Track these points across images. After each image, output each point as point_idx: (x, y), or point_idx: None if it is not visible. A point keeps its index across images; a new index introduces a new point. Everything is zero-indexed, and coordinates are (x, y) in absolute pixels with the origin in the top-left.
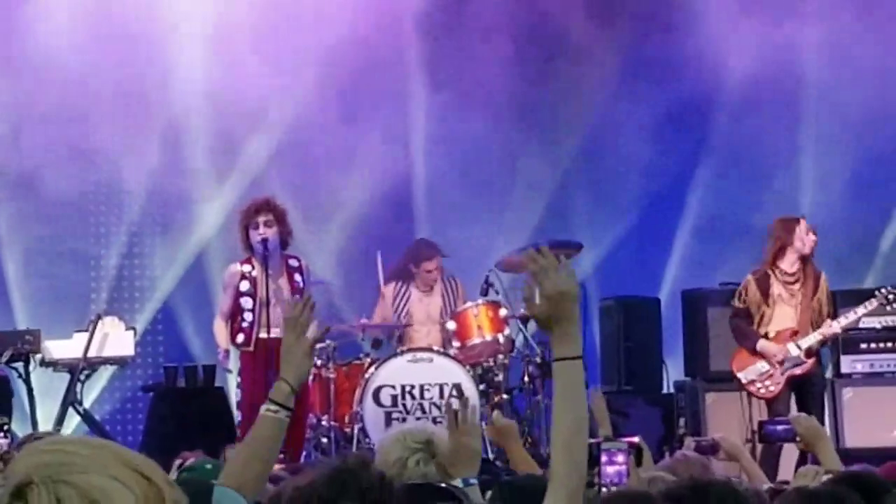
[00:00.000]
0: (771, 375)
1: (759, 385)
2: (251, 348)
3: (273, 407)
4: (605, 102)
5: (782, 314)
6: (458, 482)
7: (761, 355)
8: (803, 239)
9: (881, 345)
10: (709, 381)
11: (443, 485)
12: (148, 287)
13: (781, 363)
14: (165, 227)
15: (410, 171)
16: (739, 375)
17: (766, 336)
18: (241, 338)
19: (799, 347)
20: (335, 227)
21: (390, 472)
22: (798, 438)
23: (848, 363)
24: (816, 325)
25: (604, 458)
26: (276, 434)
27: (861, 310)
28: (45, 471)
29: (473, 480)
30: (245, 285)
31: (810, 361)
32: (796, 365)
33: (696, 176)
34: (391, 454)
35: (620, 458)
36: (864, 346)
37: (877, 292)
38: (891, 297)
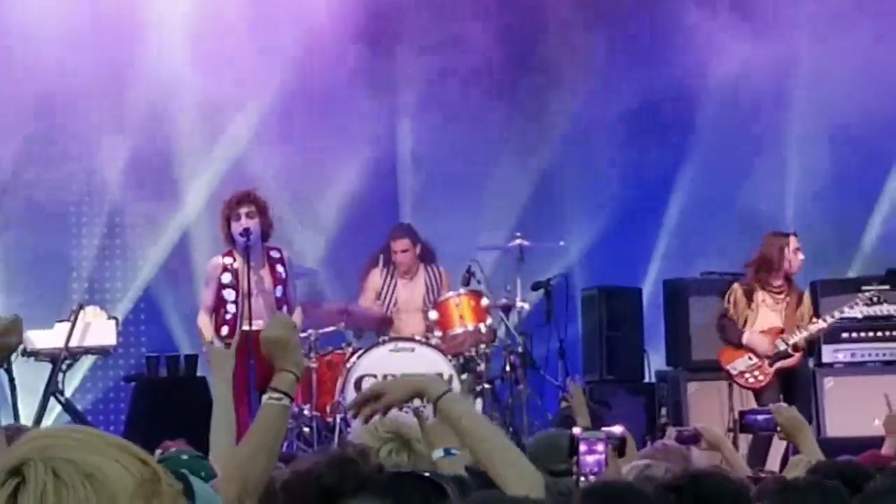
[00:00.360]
0: (759, 366)
1: (748, 376)
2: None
3: (276, 395)
4: (591, 93)
5: (766, 317)
6: (439, 453)
7: (748, 348)
8: (790, 259)
9: (862, 334)
10: (690, 370)
11: (426, 474)
12: (130, 277)
13: (769, 356)
14: (147, 213)
15: (395, 162)
16: (728, 368)
17: None
18: (225, 330)
19: (786, 342)
20: (321, 216)
21: None
22: (778, 429)
23: (829, 353)
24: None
25: (583, 448)
26: (282, 423)
27: (847, 309)
28: (43, 451)
29: (455, 451)
30: (227, 277)
31: (797, 355)
32: (783, 358)
33: (682, 167)
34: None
35: (600, 447)
36: (845, 335)
37: (859, 294)
38: (875, 298)
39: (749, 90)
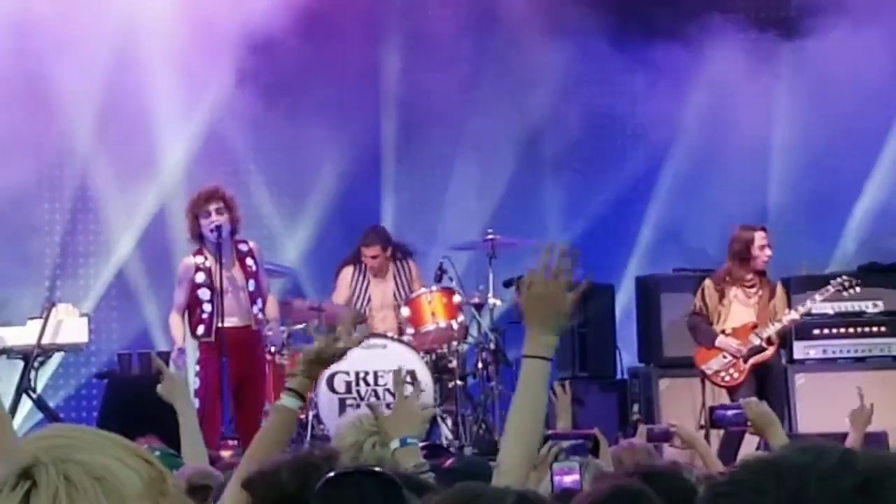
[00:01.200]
0: (734, 364)
1: (723, 374)
2: (212, 338)
3: (299, 401)
4: (567, 93)
5: (739, 313)
6: (395, 443)
7: (720, 350)
8: (757, 254)
9: (834, 331)
10: (662, 367)
11: (377, 469)
12: (103, 268)
13: (742, 354)
14: (123, 190)
15: (379, 157)
16: (703, 368)
17: (723, 332)
18: (201, 329)
19: (759, 337)
20: (303, 210)
21: (347, 455)
22: (749, 423)
23: (801, 349)
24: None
25: (557, 476)
26: (293, 426)
27: (818, 297)
28: (52, 452)
29: (412, 440)
30: (201, 277)
31: (771, 349)
32: (758, 352)
33: (665, 165)
34: (347, 438)
35: (575, 474)
36: (816, 332)
37: (832, 280)
38: (846, 283)
39: (731, 94)
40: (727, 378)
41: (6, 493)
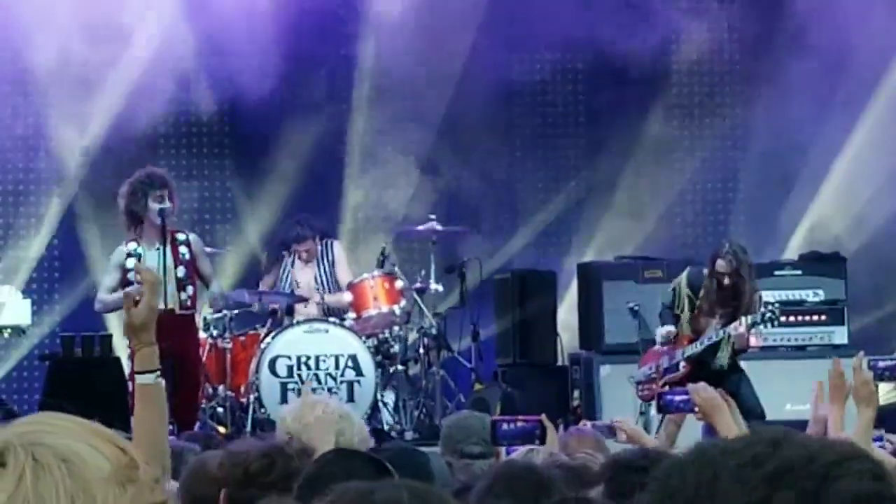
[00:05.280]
0: (652, 381)
1: (640, 388)
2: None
3: (157, 374)
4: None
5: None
6: None
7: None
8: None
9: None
10: (603, 353)
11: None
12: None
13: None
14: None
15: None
16: (637, 371)
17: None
18: None
19: (682, 354)
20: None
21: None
22: (696, 409)
23: None
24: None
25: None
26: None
27: (732, 331)
28: (24, 437)
29: None
30: (132, 262)
31: (684, 371)
32: (672, 373)
33: (630, 160)
34: (305, 417)
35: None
36: None
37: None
38: (767, 315)
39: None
40: (643, 392)
41: None
